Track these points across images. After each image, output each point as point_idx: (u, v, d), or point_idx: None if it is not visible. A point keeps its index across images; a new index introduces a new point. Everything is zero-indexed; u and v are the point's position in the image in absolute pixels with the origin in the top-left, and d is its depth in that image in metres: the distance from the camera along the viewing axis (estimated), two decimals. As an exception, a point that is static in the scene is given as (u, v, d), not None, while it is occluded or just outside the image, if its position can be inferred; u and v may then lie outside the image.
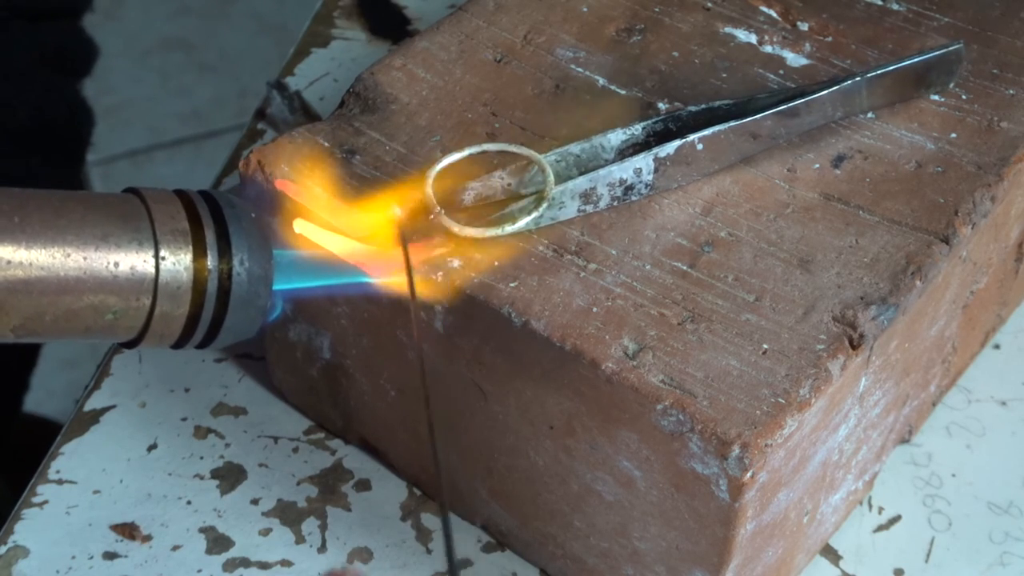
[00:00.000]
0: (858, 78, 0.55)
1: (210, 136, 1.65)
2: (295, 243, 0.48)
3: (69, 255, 0.41)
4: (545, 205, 0.50)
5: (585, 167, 0.52)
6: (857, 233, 0.52)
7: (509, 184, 0.52)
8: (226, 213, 0.43)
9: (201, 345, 0.44)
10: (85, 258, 0.41)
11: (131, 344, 0.43)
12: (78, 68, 0.96)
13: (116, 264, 0.41)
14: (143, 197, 0.42)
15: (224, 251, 0.42)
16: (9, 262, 0.40)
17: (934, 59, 0.56)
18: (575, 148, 0.53)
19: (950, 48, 0.56)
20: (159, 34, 1.75)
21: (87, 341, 0.43)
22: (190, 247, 0.42)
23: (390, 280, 0.49)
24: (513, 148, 0.51)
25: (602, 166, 0.52)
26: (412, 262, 0.50)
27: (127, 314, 0.42)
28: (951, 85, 0.57)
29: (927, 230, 0.52)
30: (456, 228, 0.49)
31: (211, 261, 0.42)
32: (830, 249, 0.52)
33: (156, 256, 0.42)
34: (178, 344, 0.44)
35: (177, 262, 0.42)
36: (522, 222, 0.49)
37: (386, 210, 0.51)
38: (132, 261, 0.41)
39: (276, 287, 0.44)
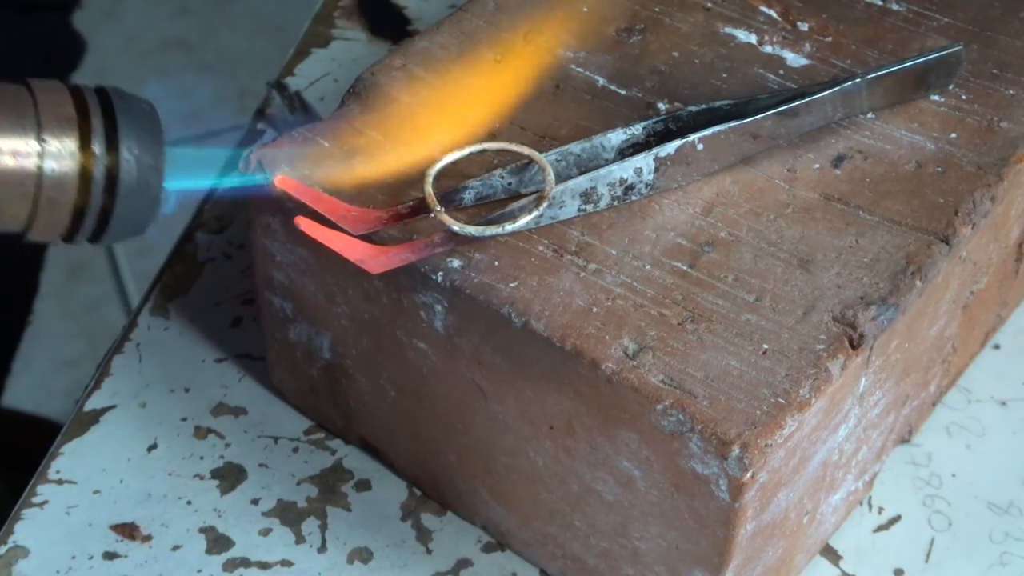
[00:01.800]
0: (858, 79, 0.55)
1: (210, 136, 1.65)
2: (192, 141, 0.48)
3: None
4: (545, 204, 0.50)
5: (585, 166, 0.53)
6: (857, 233, 0.52)
7: (509, 183, 0.52)
8: (116, 104, 0.43)
9: (93, 238, 0.43)
10: None
11: (21, 235, 0.43)
12: (65, 62, 0.96)
13: (1, 152, 0.41)
14: (30, 87, 0.42)
15: (112, 139, 0.42)
16: None
17: (934, 60, 0.56)
18: (575, 147, 0.53)
19: (950, 50, 0.56)
20: (159, 34, 1.75)
21: None
22: (75, 133, 0.42)
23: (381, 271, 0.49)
24: (513, 147, 0.51)
25: (602, 166, 0.52)
26: (412, 261, 0.50)
27: (12, 201, 0.41)
28: (951, 86, 0.57)
29: (927, 230, 0.52)
30: (456, 227, 0.49)
31: (97, 148, 0.42)
32: (830, 249, 0.52)
33: (39, 141, 0.41)
34: (68, 236, 0.43)
35: (61, 148, 0.41)
36: (522, 221, 0.49)
37: (386, 208, 0.51)
38: (14, 146, 0.41)
39: (171, 184, 0.44)
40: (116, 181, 0.42)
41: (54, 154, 0.41)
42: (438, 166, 0.50)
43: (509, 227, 0.49)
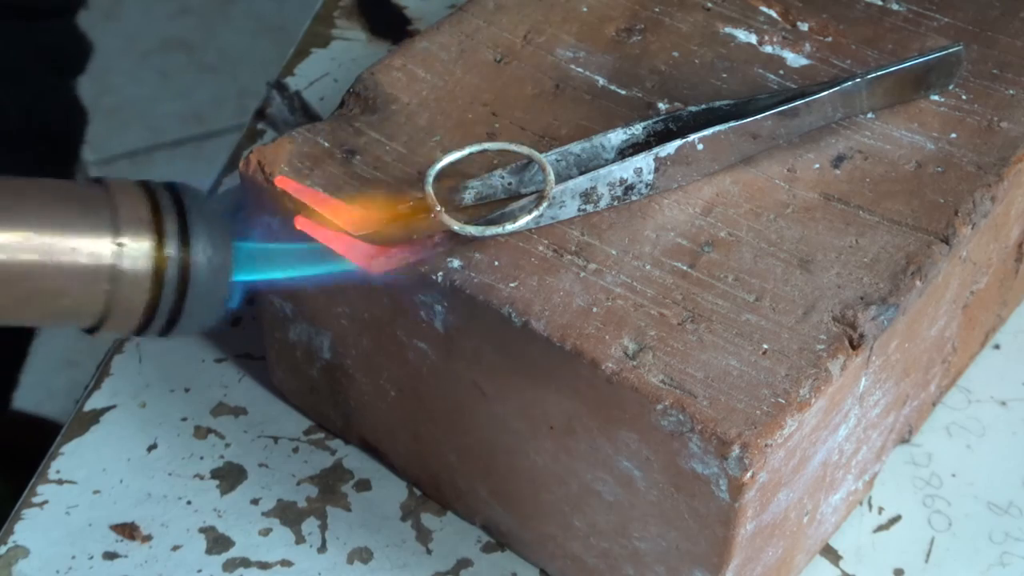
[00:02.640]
0: (858, 79, 0.55)
1: (210, 136, 1.65)
2: (260, 236, 0.49)
3: (29, 239, 0.41)
4: (545, 204, 0.50)
5: (585, 166, 0.53)
6: (857, 233, 0.52)
7: (509, 183, 0.52)
8: (187, 203, 0.43)
9: (162, 333, 0.44)
10: (44, 243, 0.41)
11: (92, 330, 0.44)
12: (72, 66, 0.96)
13: (74, 250, 0.42)
14: (107, 186, 0.43)
15: (185, 240, 0.43)
16: None
17: (934, 61, 0.56)
18: (575, 147, 0.53)
19: (950, 50, 0.56)
20: (159, 34, 1.75)
21: (50, 325, 0.44)
22: (151, 234, 0.43)
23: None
24: (513, 147, 0.51)
25: (602, 166, 0.52)
26: (412, 262, 0.50)
27: (86, 300, 0.42)
28: (951, 86, 0.57)
29: (927, 230, 0.52)
30: (456, 227, 0.49)
31: (171, 249, 0.43)
32: (830, 249, 0.52)
33: (116, 243, 0.42)
34: (139, 331, 0.44)
35: (137, 249, 0.42)
36: (523, 221, 0.49)
37: (386, 209, 0.51)
38: (92, 247, 0.42)
39: (238, 278, 0.45)
40: (188, 282, 0.43)
41: (130, 256, 0.42)
42: (438, 166, 0.50)
43: (509, 227, 0.49)
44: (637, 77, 0.58)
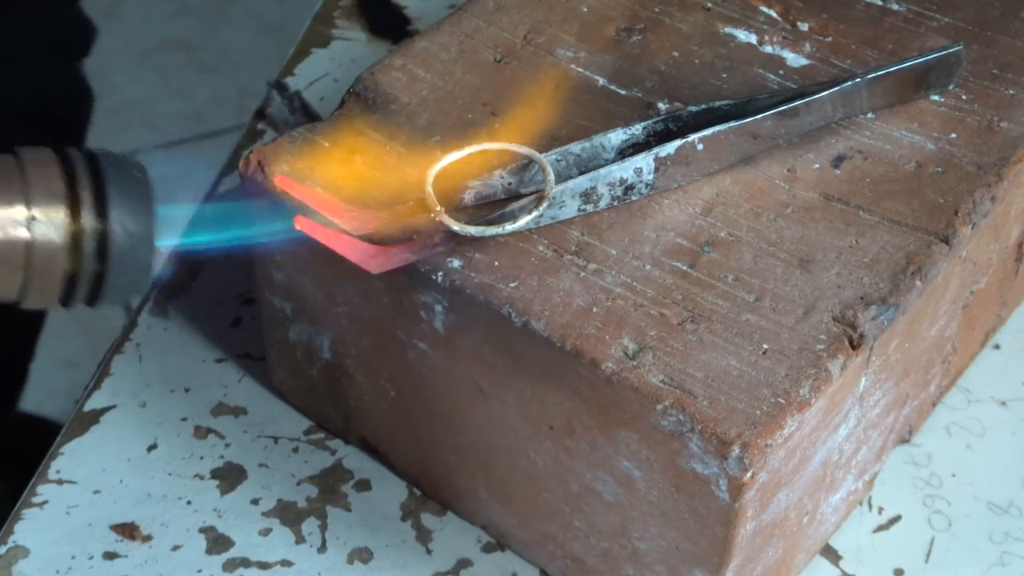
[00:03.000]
0: (858, 79, 0.55)
1: (210, 136, 1.65)
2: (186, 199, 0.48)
3: None
4: (545, 204, 0.50)
5: (585, 166, 0.52)
6: (857, 233, 0.52)
7: (509, 183, 0.52)
8: (105, 172, 0.43)
9: (88, 303, 0.44)
10: None
11: (16, 304, 0.43)
12: (77, 49, 0.96)
13: None
14: (19, 156, 0.42)
15: (101, 209, 0.42)
16: None
17: (934, 61, 0.56)
18: (575, 147, 0.53)
19: (950, 50, 0.56)
20: (159, 34, 1.75)
21: None
22: (63, 205, 0.42)
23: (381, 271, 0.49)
24: (514, 147, 0.51)
25: (602, 166, 0.52)
26: (412, 261, 0.50)
27: (3, 273, 0.42)
28: (951, 86, 0.57)
29: (927, 230, 0.52)
30: (456, 227, 0.49)
31: (86, 219, 0.42)
32: (830, 249, 0.52)
33: (29, 219, 0.42)
34: (63, 303, 0.44)
35: (49, 220, 0.42)
36: (523, 221, 0.49)
37: (386, 208, 0.51)
38: (3, 225, 0.41)
39: (163, 243, 0.45)
40: (107, 251, 0.43)
41: (42, 227, 0.42)
42: (438, 166, 0.50)
43: (509, 227, 0.49)
44: (637, 77, 0.58)
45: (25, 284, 0.43)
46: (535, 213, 0.50)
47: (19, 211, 0.42)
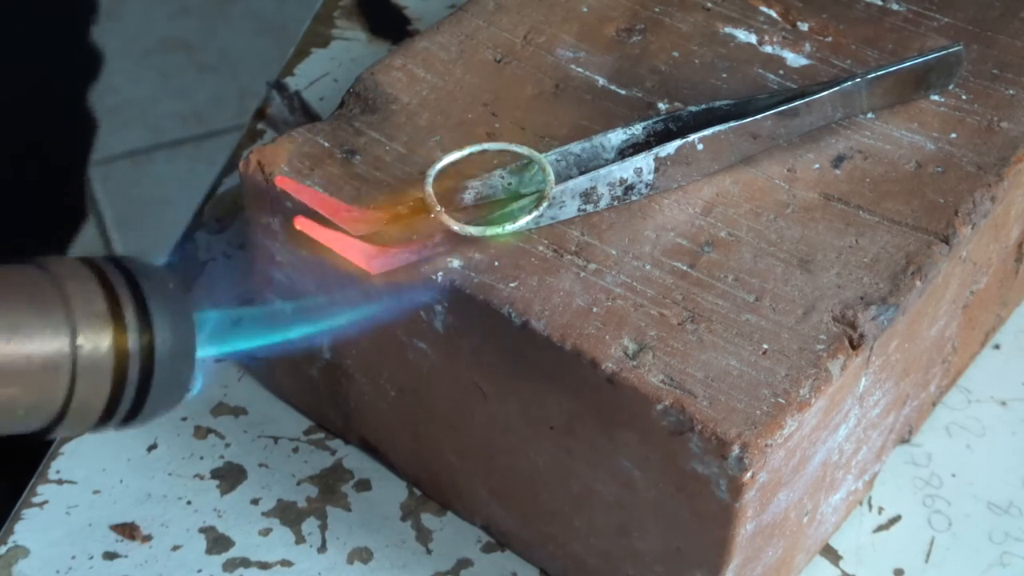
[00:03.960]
0: (858, 79, 0.55)
1: (210, 136, 1.65)
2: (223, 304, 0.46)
3: None
4: (546, 204, 0.50)
5: (585, 167, 0.52)
6: (857, 233, 0.52)
7: (509, 183, 0.52)
8: (143, 285, 0.39)
9: (120, 426, 0.40)
10: (4, 348, 0.36)
11: (42, 433, 0.39)
12: (84, 17, 0.95)
13: (29, 357, 0.37)
14: (51, 274, 0.38)
15: (144, 329, 0.38)
16: None
17: (934, 60, 0.56)
18: (575, 147, 0.53)
19: (950, 50, 0.56)
20: (159, 34, 1.75)
21: (9, 431, 0.38)
22: (110, 330, 0.38)
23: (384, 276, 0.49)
24: (514, 147, 0.51)
25: (602, 166, 0.52)
26: (413, 262, 0.50)
27: (40, 407, 0.38)
28: (951, 86, 0.57)
29: (927, 230, 0.52)
30: (456, 227, 0.49)
31: (132, 343, 0.38)
32: (830, 249, 0.52)
33: (72, 345, 0.37)
34: (95, 427, 0.40)
35: (96, 348, 0.38)
36: (522, 221, 0.49)
37: (386, 209, 0.51)
38: (47, 351, 0.37)
39: (203, 354, 0.41)
40: (151, 374, 0.39)
41: (89, 356, 0.38)
42: (438, 166, 0.50)
43: (509, 227, 0.49)
44: (637, 77, 0.58)
45: (62, 413, 0.38)
46: (535, 213, 0.50)
47: (64, 339, 0.37)
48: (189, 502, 0.59)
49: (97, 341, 0.38)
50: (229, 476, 0.59)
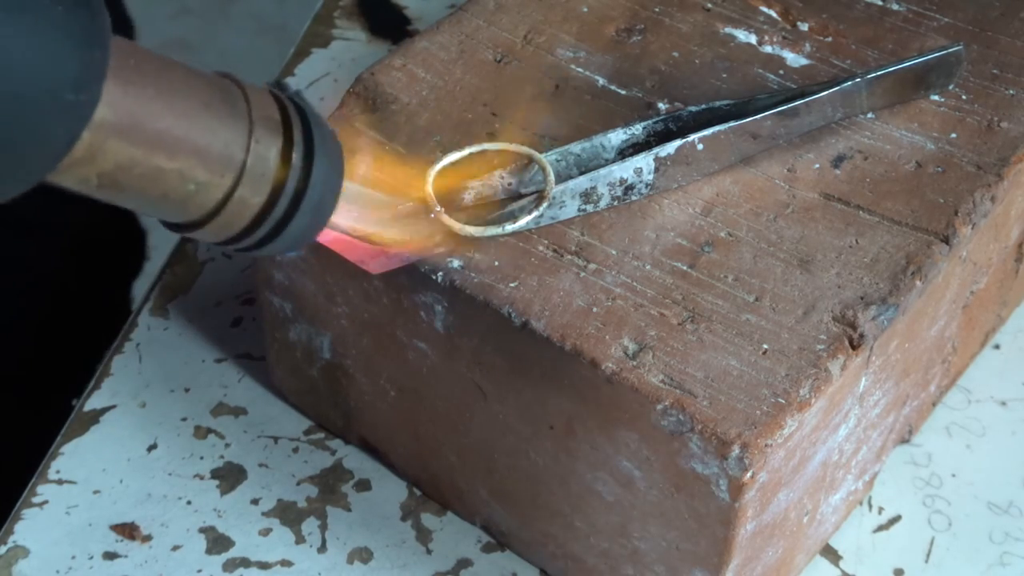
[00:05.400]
0: (858, 79, 0.55)
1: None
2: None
3: (174, 111, 0.39)
4: (546, 204, 0.50)
5: (585, 167, 0.52)
6: (857, 233, 0.52)
7: (510, 183, 0.52)
8: (311, 119, 0.43)
9: (252, 247, 0.43)
10: (188, 119, 0.40)
11: (192, 227, 0.42)
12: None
13: (213, 133, 0.40)
14: (239, 83, 0.42)
15: (308, 154, 0.42)
16: (119, 103, 0.38)
17: (934, 60, 0.56)
18: (576, 148, 0.53)
19: (950, 50, 0.56)
20: (159, 34, 1.75)
21: (159, 210, 0.41)
22: (280, 137, 0.42)
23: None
24: (514, 147, 0.51)
25: (602, 166, 0.52)
26: (412, 261, 0.50)
27: (207, 188, 0.41)
28: (951, 86, 0.57)
29: (927, 230, 0.52)
30: (457, 227, 0.49)
31: (296, 158, 0.42)
32: (830, 249, 0.52)
33: (250, 137, 0.41)
34: (234, 239, 0.43)
35: (267, 148, 0.41)
36: (523, 221, 0.49)
37: (386, 209, 0.51)
38: (227, 136, 0.41)
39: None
40: (303, 194, 0.42)
41: (260, 154, 0.41)
42: (438, 166, 0.50)
43: (509, 227, 0.49)
44: (637, 77, 0.58)
45: (219, 206, 0.41)
46: (535, 213, 0.50)
47: (243, 130, 0.41)
48: (189, 502, 0.59)
49: (269, 142, 0.41)
50: (229, 476, 0.59)
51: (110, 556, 0.57)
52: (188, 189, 0.41)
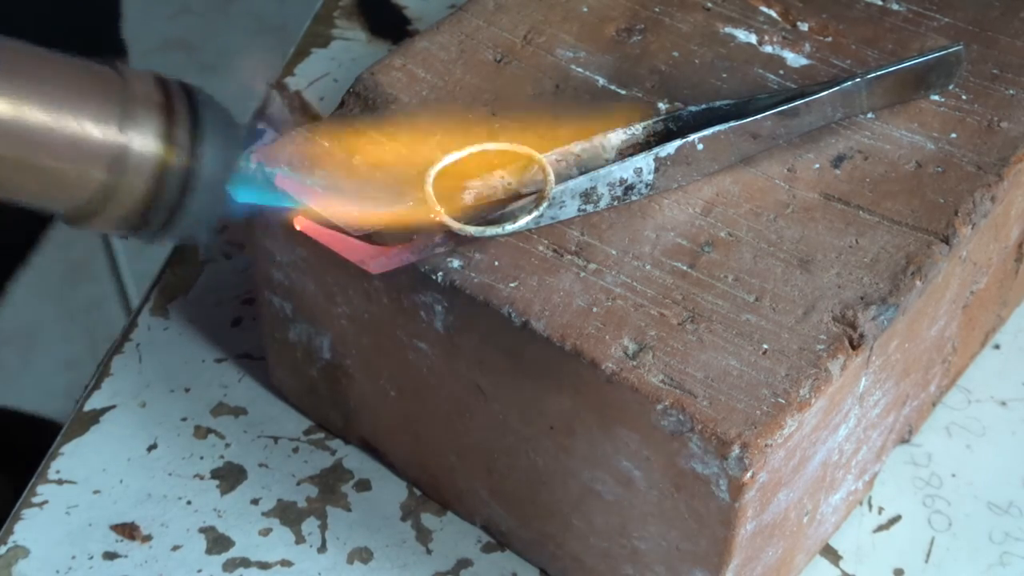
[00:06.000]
0: (858, 79, 0.55)
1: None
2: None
3: (43, 104, 0.40)
4: (545, 204, 0.50)
5: (585, 167, 0.52)
6: (857, 233, 0.52)
7: (510, 183, 0.52)
8: (199, 98, 0.42)
9: (156, 234, 0.43)
10: (56, 112, 0.40)
11: (85, 219, 0.42)
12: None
13: (84, 124, 0.40)
14: (120, 69, 0.42)
15: (195, 133, 0.42)
16: None
17: (934, 61, 0.56)
18: (576, 148, 0.53)
19: (950, 50, 0.56)
20: (159, 34, 1.75)
21: (42, 202, 0.41)
22: (163, 119, 0.41)
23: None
24: (514, 147, 0.51)
25: (602, 166, 0.52)
26: (412, 261, 0.50)
27: (86, 178, 0.41)
28: (951, 86, 0.57)
29: (927, 230, 0.52)
30: (456, 227, 0.49)
31: (180, 138, 0.41)
32: (830, 249, 0.52)
33: (125, 121, 0.41)
34: (133, 227, 0.42)
35: (145, 133, 0.41)
36: (523, 221, 0.49)
37: (386, 208, 0.51)
38: (102, 124, 0.40)
39: (240, 198, 0.44)
40: (194, 174, 0.42)
41: (139, 139, 0.41)
42: (438, 166, 0.50)
43: (509, 227, 0.49)
44: (637, 77, 0.58)
45: (105, 194, 0.41)
46: (535, 213, 0.50)
47: (116, 115, 0.40)
48: (189, 502, 0.59)
49: (148, 126, 0.41)
50: (229, 476, 0.59)
51: (110, 556, 0.57)
52: (66, 180, 0.40)
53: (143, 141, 0.41)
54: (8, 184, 0.40)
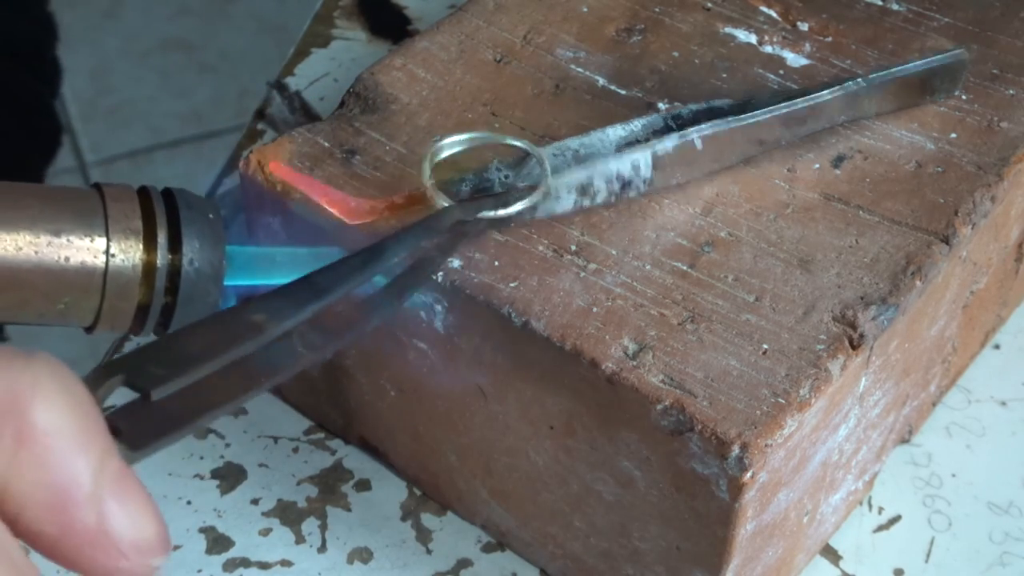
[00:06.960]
0: (863, 83, 0.54)
1: (210, 136, 1.65)
2: (259, 240, 0.52)
3: (21, 248, 0.43)
4: (540, 192, 0.50)
5: (583, 161, 0.52)
6: (857, 233, 0.52)
7: (506, 176, 0.52)
8: (182, 213, 0.46)
9: (157, 332, 0.47)
10: (36, 252, 0.44)
11: (88, 330, 0.46)
12: (34, 50, 0.96)
13: (67, 259, 0.44)
14: (102, 194, 0.45)
15: (175, 249, 0.45)
16: None
17: (938, 66, 0.56)
18: (573, 143, 0.53)
19: (955, 55, 0.56)
20: (159, 34, 1.75)
21: (52, 324, 0.45)
22: (140, 244, 0.45)
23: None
24: (511, 140, 0.51)
25: (600, 161, 0.52)
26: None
27: (77, 305, 0.45)
28: (956, 91, 0.57)
29: (927, 230, 0.52)
30: (446, 203, 0.49)
31: (160, 259, 0.45)
32: (830, 249, 0.52)
33: (107, 252, 0.45)
34: (134, 331, 0.47)
35: (126, 259, 0.45)
36: (514, 208, 0.49)
37: (382, 198, 0.51)
38: (83, 256, 0.44)
39: (230, 282, 0.47)
40: (177, 289, 0.46)
41: (119, 266, 0.45)
42: (437, 157, 0.50)
43: (502, 211, 0.49)
44: (637, 77, 0.58)
45: (100, 314, 0.45)
46: (527, 200, 0.50)
47: (99, 243, 0.44)
48: (189, 502, 0.59)
49: (128, 253, 0.45)
50: (229, 476, 0.59)
51: (110, 556, 0.57)
52: (59, 308, 0.45)
53: (125, 263, 0.45)
54: (16, 316, 0.45)
